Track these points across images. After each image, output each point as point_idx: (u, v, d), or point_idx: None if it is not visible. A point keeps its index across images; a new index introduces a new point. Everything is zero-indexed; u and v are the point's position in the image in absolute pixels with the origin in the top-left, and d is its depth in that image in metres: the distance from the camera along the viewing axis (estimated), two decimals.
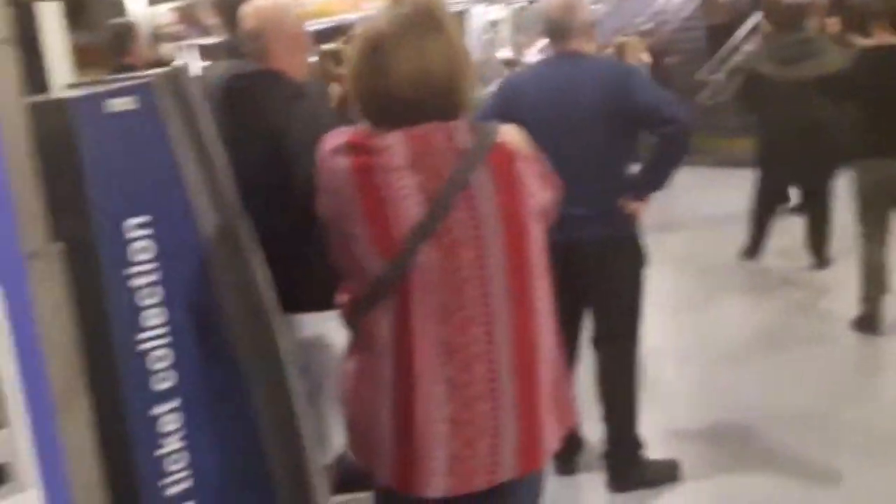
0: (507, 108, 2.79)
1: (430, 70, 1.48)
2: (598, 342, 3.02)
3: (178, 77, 1.76)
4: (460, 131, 1.50)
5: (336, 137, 1.54)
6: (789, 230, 5.88)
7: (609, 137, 2.80)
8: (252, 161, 2.21)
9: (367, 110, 1.54)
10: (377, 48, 1.49)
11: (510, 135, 1.56)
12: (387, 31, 1.49)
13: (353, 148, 1.51)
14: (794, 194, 6.28)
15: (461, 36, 1.58)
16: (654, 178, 2.95)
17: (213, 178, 1.77)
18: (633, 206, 2.89)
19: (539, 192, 1.56)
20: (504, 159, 1.51)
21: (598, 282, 2.91)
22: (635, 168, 2.97)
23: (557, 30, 2.90)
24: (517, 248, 1.52)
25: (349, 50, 1.59)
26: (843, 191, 4.89)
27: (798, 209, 6.17)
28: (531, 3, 21.49)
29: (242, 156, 2.22)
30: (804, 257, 5.56)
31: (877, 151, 4.18)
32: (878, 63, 4.13)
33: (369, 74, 1.50)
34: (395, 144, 1.48)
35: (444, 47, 1.50)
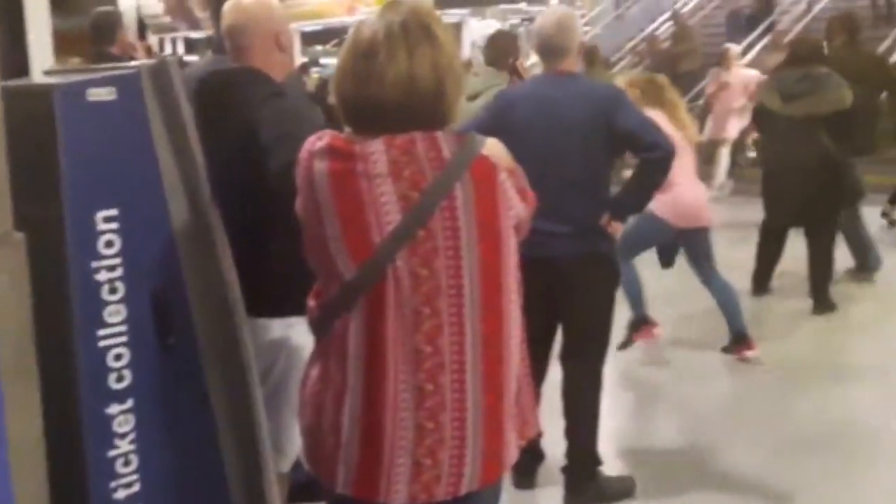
0: (497, 122, 2.82)
1: (419, 78, 1.48)
2: (567, 357, 3.05)
3: (163, 70, 1.74)
4: (444, 141, 1.50)
5: (317, 140, 1.53)
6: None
7: (593, 157, 2.84)
8: (224, 158, 2.19)
9: (352, 115, 1.53)
10: (368, 53, 1.49)
11: (493, 147, 1.56)
12: (379, 37, 1.49)
13: (333, 152, 1.50)
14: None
15: (454, 46, 1.58)
16: (634, 201, 3.04)
17: (190, 174, 1.75)
18: (612, 225, 2.94)
19: (517, 206, 1.57)
20: (486, 171, 1.52)
21: (574, 297, 2.94)
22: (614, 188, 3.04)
23: (550, 49, 2.93)
24: (492, 260, 1.53)
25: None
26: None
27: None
28: (525, 20, 21.76)
29: (215, 152, 2.21)
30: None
31: None
32: None
33: (358, 79, 1.50)
34: (377, 151, 1.48)
35: (434, 56, 1.50)
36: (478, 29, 21.80)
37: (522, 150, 2.54)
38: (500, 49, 4.12)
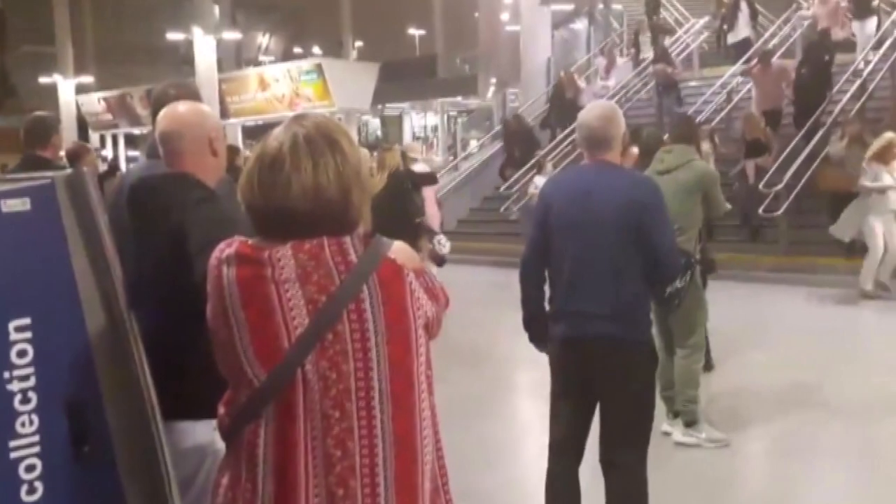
0: (545, 209, 3.05)
1: (324, 187, 1.53)
2: (607, 454, 2.99)
3: (78, 180, 1.77)
4: (352, 245, 1.55)
5: (226, 247, 1.57)
6: None
7: (625, 247, 2.93)
8: (154, 262, 2.21)
9: (260, 222, 1.57)
10: (274, 164, 1.54)
11: (399, 250, 1.61)
12: (285, 148, 1.55)
13: (242, 258, 1.54)
14: None
15: (359, 155, 1.63)
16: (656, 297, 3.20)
17: (105, 283, 1.76)
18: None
19: (426, 305, 1.61)
20: (392, 273, 1.56)
21: (608, 378, 2.96)
22: None
23: (595, 140, 3.03)
24: (403, 360, 1.55)
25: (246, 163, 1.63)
26: None
27: None
28: (462, 112, 22.42)
29: (146, 256, 2.22)
30: None
31: None
32: None
33: (264, 188, 1.54)
34: (285, 257, 1.52)
35: (339, 166, 1.55)
36: (417, 120, 22.39)
37: (559, 235, 2.79)
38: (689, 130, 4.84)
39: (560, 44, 19.05)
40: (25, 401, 1.65)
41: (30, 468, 1.65)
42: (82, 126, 24.40)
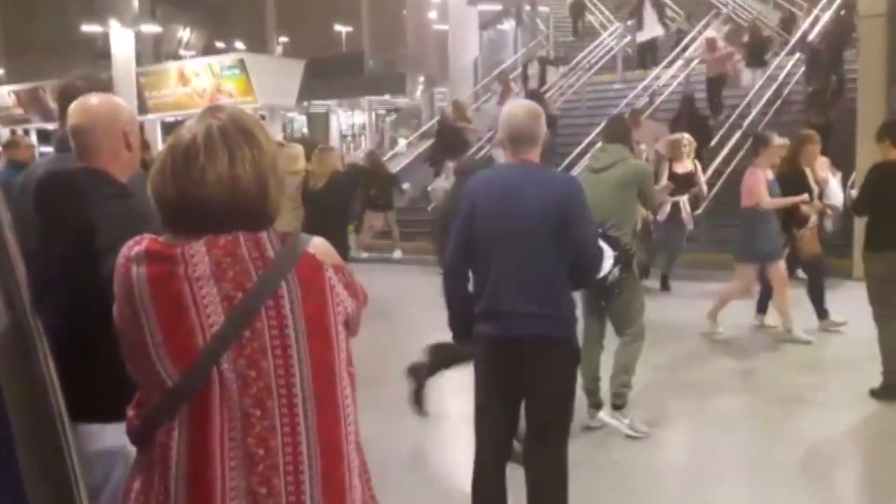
0: (469, 211, 3.03)
1: (240, 178, 1.49)
2: (530, 444, 3.05)
3: None
4: (269, 241, 1.52)
5: (135, 245, 1.51)
6: None
7: (551, 246, 2.96)
8: (62, 260, 2.12)
9: (172, 217, 1.52)
10: (188, 155, 1.50)
11: (318, 245, 1.59)
12: (199, 139, 1.51)
13: (152, 256, 1.48)
14: None
15: (274, 149, 1.60)
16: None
17: (6, 281, 1.68)
18: None
19: (346, 301, 1.59)
20: (312, 269, 1.53)
21: (536, 376, 2.99)
22: None
23: (523, 137, 3.05)
24: (324, 357, 1.53)
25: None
26: None
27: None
28: (390, 111, 22.39)
29: (54, 253, 2.13)
30: None
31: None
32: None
33: (177, 179, 1.49)
34: (199, 253, 1.47)
35: (255, 158, 1.52)
36: (344, 118, 22.22)
37: (485, 235, 2.81)
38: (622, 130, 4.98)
39: (487, 44, 19.23)
40: None
41: None
42: None
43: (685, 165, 8.42)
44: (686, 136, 8.72)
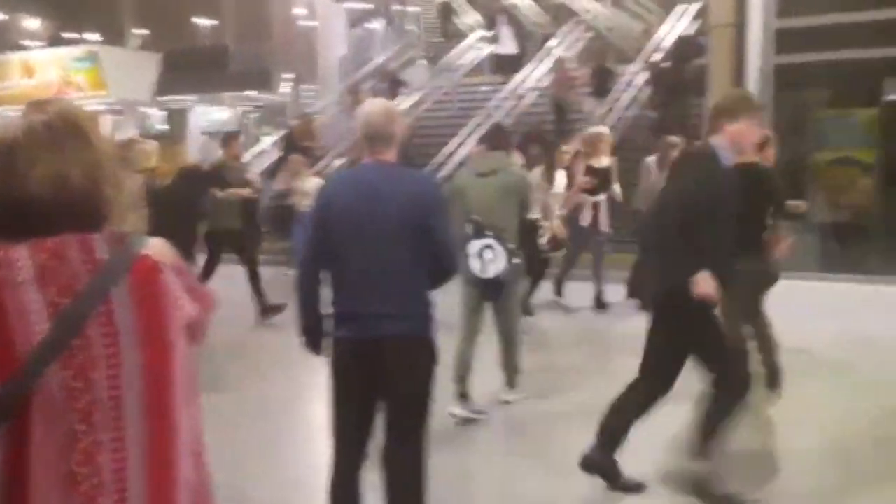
0: (323, 212, 2.96)
1: (70, 175, 1.39)
2: (390, 441, 2.99)
3: None
4: (100, 242, 1.41)
5: None
6: None
7: (409, 246, 2.91)
8: None
9: None
10: (11, 151, 1.39)
11: (156, 247, 1.49)
12: (22, 136, 1.40)
13: None
14: None
15: (108, 145, 1.50)
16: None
17: None
18: None
19: (187, 306, 1.50)
20: (147, 272, 1.44)
21: (396, 376, 2.94)
22: None
23: (378, 136, 2.98)
24: (159, 366, 1.43)
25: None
26: None
27: None
28: (257, 108, 21.81)
29: None
30: None
31: None
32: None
33: (0, 180, 1.38)
34: (22, 258, 1.36)
35: (85, 154, 1.42)
36: (203, 114, 21.41)
37: (343, 237, 2.78)
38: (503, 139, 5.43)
39: (356, 42, 19.10)
40: None
41: None
42: None
43: (602, 161, 8.10)
44: (606, 130, 8.83)
